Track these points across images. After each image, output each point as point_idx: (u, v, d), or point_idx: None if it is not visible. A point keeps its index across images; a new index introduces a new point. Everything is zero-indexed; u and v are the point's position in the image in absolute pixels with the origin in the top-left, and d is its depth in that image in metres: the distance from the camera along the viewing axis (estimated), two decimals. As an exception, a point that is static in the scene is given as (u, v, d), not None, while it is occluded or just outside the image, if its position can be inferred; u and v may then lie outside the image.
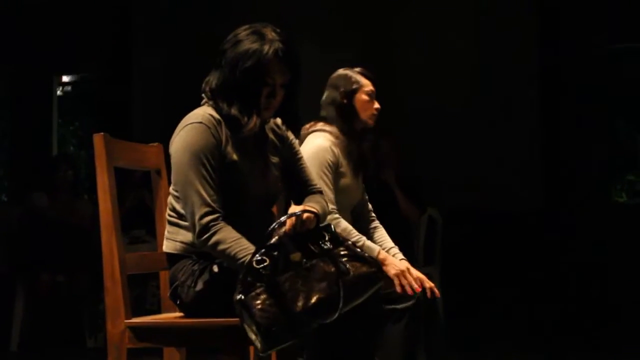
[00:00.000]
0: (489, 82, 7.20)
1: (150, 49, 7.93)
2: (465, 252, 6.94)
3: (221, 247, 2.70)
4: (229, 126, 2.83)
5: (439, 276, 6.32)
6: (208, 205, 2.72)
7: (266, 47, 2.78)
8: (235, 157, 2.82)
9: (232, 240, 2.69)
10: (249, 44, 2.79)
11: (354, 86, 3.70)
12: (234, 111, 2.80)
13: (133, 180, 6.54)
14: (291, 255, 2.61)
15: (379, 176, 6.33)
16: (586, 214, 6.95)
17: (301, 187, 3.02)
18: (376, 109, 3.74)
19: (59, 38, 8.00)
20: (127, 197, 6.52)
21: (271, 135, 2.98)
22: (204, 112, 2.84)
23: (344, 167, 3.61)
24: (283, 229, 2.63)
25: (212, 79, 2.87)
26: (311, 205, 2.83)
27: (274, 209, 3.08)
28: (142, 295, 6.30)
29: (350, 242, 2.70)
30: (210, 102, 2.87)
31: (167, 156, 2.98)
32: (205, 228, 2.71)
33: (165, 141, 3.23)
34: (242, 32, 2.84)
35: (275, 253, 2.56)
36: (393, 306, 3.27)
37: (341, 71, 3.76)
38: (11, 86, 8.40)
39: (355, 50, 7.12)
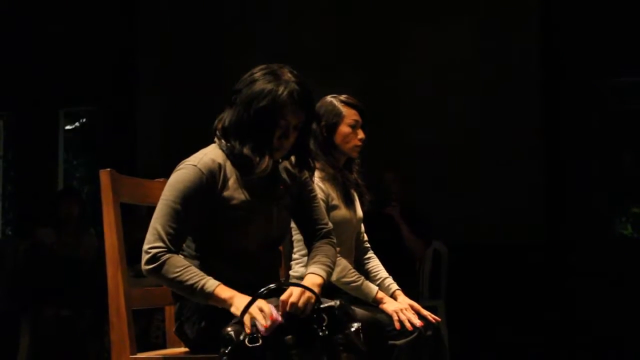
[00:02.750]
0: (492, 116, 7.21)
1: (154, 85, 7.97)
2: (471, 285, 6.92)
3: (170, 275, 2.70)
4: (238, 166, 2.81)
5: (445, 309, 6.31)
6: (162, 241, 2.73)
7: (281, 88, 2.76)
8: (238, 198, 2.81)
9: (182, 267, 2.70)
10: (264, 83, 2.77)
11: (335, 119, 3.56)
12: (246, 150, 2.78)
13: (138, 215, 6.54)
14: (286, 337, 2.55)
15: (383, 210, 6.34)
16: (591, 247, 6.93)
17: (311, 227, 3.01)
18: (360, 140, 3.59)
19: (64, 74, 8.05)
20: (135, 232, 6.51)
21: (284, 175, 2.94)
22: (204, 154, 2.83)
23: (336, 200, 3.52)
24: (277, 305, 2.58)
25: (226, 117, 2.84)
26: (316, 273, 2.81)
27: (281, 247, 3.07)
28: (147, 328, 6.28)
29: (350, 330, 2.61)
30: (221, 142, 2.85)
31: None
32: (153, 258, 2.72)
33: (170, 175, 3.25)
34: (258, 71, 2.82)
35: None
36: (392, 342, 3.24)
37: (325, 99, 3.61)
38: (17, 121, 8.44)
39: (358, 85, 7.15)
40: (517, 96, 7.17)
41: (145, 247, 2.74)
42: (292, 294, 2.61)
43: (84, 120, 8.76)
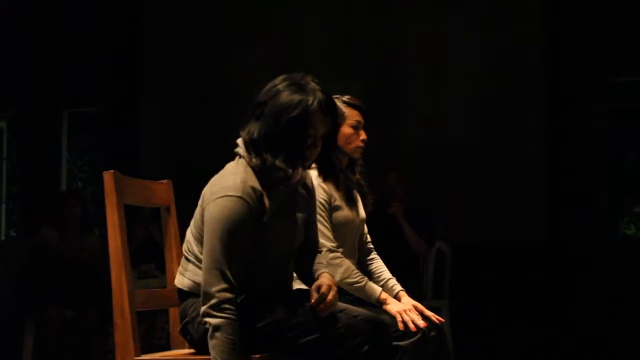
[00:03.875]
0: (495, 115, 7.21)
1: (158, 85, 7.97)
2: (474, 286, 6.92)
3: (220, 335, 2.68)
4: (271, 180, 2.80)
5: (448, 309, 6.30)
6: (228, 282, 2.72)
7: (310, 98, 2.78)
8: (272, 224, 2.82)
9: (232, 340, 2.69)
10: (290, 94, 2.78)
11: (337, 120, 3.60)
12: (278, 163, 2.77)
13: (142, 216, 6.55)
14: None
15: (386, 209, 6.33)
16: (595, 247, 6.93)
17: (305, 245, 3.03)
18: (362, 141, 3.59)
19: (67, 75, 8.06)
20: (136, 233, 6.52)
21: (301, 189, 2.97)
22: (243, 181, 2.78)
23: (338, 201, 3.52)
24: None
25: (254, 130, 2.82)
26: (329, 272, 2.93)
27: None
28: (151, 329, 6.29)
29: None
30: (251, 157, 2.81)
31: (177, 193, 3.00)
32: (220, 306, 2.70)
33: (173, 177, 3.25)
34: (281, 83, 2.83)
35: None
36: (396, 343, 3.25)
37: None
38: (21, 122, 8.45)
39: (361, 84, 7.15)
40: (519, 96, 7.17)
41: (212, 289, 2.70)
42: (327, 289, 2.75)
43: (87, 121, 8.75)
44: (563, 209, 7.07)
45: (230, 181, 2.78)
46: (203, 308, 2.73)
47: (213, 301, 2.70)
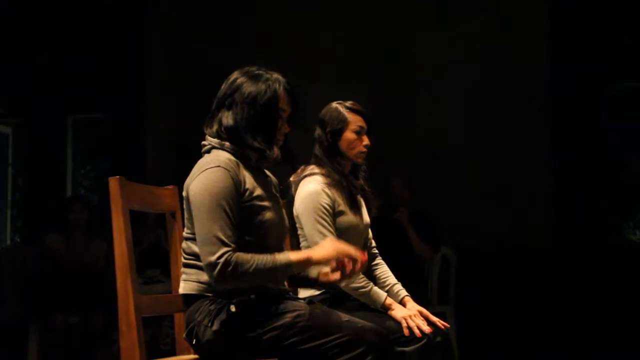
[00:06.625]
0: (500, 122, 7.21)
1: (163, 91, 7.98)
2: (479, 291, 6.91)
3: (247, 269, 2.74)
4: (251, 160, 2.94)
5: (454, 315, 6.30)
6: (225, 244, 2.76)
7: (276, 83, 2.95)
8: (256, 192, 2.91)
9: (250, 258, 2.76)
10: (256, 82, 2.95)
11: (340, 125, 3.56)
12: (257, 144, 2.91)
13: (147, 221, 6.55)
14: None
15: (391, 215, 6.33)
16: (600, 252, 6.92)
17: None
18: (365, 146, 3.60)
19: (73, 82, 8.07)
20: (143, 239, 6.53)
21: (272, 177, 3.11)
22: (216, 156, 2.90)
23: (342, 206, 3.52)
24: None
25: (227, 119, 2.95)
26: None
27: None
28: (156, 335, 6.29)
29: None
30: (225, 144, 2.93)
31: (182, 199, 3.01)
32: (226, 264, 2.74)
33: (179, 182, 3.26)
34: (240, 77, 2.98)
35: None
36: (401, 348, 3.25)
37: (331, 106, 3.63)
38: (26, 128, 8.47)
39: (367, 91, 7.16)
40: (524, 103, 7.17)
41: (212, 259, 2.74)
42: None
43: (92, 127, 8.76)
44: (569, 215, 7.06)
45: (204, 162, 2.90)
46: (217, 280, 2.75)
47: (218, 267, 2.74)
